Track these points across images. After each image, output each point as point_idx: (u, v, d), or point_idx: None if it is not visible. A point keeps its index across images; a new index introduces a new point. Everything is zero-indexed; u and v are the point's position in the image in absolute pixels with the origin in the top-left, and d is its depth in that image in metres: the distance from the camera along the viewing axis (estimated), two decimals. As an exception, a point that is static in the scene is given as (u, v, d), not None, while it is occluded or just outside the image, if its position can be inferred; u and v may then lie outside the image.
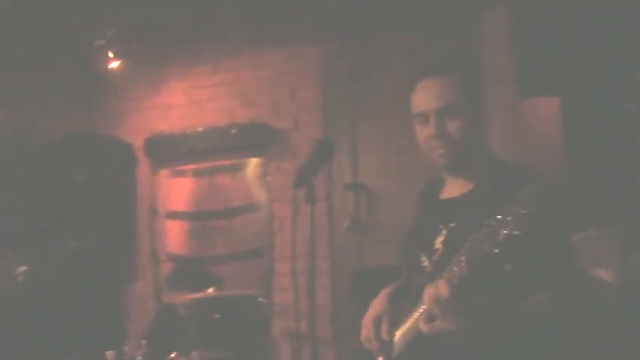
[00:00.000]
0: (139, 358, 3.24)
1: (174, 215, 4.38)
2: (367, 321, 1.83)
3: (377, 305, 1.85)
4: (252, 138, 4.20)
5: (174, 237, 4.37)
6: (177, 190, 4.39)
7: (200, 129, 4.32)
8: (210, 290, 3.53)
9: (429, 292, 1.43)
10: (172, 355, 3.26)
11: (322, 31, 4.11)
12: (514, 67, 3.75)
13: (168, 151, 4.38)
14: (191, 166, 4.37)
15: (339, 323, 3.93)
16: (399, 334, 1.69)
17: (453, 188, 1.81)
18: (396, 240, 2.07)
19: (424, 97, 1.72)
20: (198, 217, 4.32)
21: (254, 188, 4.24)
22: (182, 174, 4.38)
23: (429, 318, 1.45)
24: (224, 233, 4.26)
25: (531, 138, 3.68)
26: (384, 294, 1.88)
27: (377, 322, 1.78)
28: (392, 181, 3.90)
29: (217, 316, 3.34)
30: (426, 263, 1.72)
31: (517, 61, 3.74)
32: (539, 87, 3.70)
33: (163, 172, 4.44)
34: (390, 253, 2.42)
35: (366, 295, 1.96)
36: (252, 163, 4.25)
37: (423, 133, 1.73)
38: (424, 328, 1.45)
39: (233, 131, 4.21)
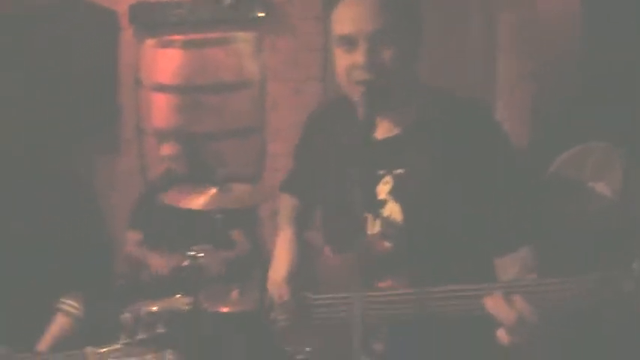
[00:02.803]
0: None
1: (160, 88, 4.16)
2: (280, 277, 1.57)
3: (289, 253, 1.61)
4: (247, 10, 3.96)
5: (161, 111, 4.19)
6: (165, 61, 4.15)
7: (191, -3, 4.05)
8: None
9: (501, 304, 1.15)
10: (184, 264, 2.95)
11: None
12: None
13: (156, 19, 4.10)
14: (180, 37, 4.11)
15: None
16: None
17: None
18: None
19: (352, 16, 1.34)
20: (187, 91, 4.12)
21: (247, 64, 4.05)
22: (170, 44, 4.12)
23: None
24: (214, 109, 4.10)
25: (546, 34, 3.57)
26: (292, 236, 1.66)
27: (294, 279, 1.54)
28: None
29: (219, 215, 3.16)
30: (371, 219, 1.42)
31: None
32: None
33: (149, 42, 4.17)
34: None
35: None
36: (247, 38, 4.04)
37: (347, 60, 1.35)
38: (501, 336, 1.17)
39: (228, 1, 3.96)
